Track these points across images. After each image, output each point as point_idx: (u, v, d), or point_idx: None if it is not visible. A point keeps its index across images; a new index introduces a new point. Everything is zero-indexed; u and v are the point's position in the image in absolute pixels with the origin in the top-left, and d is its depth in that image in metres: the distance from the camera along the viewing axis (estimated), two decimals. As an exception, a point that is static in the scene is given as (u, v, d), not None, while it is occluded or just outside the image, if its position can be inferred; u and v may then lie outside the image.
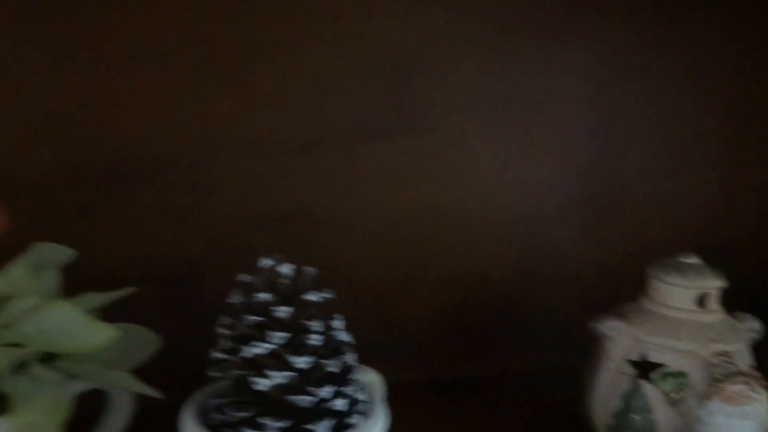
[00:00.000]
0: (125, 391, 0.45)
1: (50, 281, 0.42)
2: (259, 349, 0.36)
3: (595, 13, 0.62)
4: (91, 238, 0.55)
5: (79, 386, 0.41)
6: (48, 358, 0.41)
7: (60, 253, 0.44)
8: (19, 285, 0.41)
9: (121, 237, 0.56)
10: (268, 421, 0.36)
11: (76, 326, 0.39)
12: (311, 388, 0.36)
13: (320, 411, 0.37)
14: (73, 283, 0.44)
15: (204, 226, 0.57)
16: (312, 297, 0.38)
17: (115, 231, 0.56)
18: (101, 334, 0.39)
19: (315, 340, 0.37)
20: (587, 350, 0.52)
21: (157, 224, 0.56)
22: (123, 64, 0.54)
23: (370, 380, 0.43)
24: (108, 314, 0.53)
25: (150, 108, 0.55)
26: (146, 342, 0.45)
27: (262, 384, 0.36)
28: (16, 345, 0.39)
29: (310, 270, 0.39)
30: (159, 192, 0.56)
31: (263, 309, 0.37)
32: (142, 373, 0.50)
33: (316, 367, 0.37)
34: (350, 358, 0.39)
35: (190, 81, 0.55)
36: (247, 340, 0.37)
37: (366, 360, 0.43)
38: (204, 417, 0.38)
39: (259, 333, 0.37)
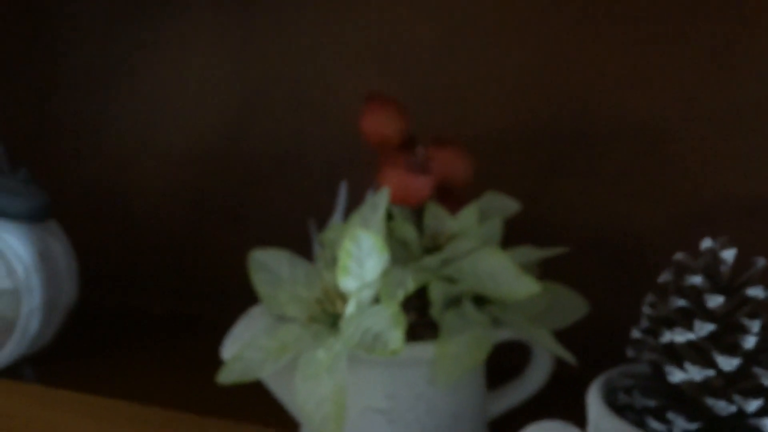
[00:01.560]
0: (548, 349, 0.45)
1: (494, 229, 0.44)
2: (680, 336, 0.32)
3: None
4: (546, 197, 0.56)
5: (501, 334, 0.42)
6: (479, 300, 0.43)
7: (507, 204, 0.46)
8: (466, 227, 0.44)
9: (574, 200, 0.55)
10: (675, 418, 0.32)
11: (504, 275, 0.40)
12: (734, 396, 0.31)
13: (739, 425, 0.31)
14: (517, 235, 0.46)
15: (665, 202, 0.53)
16: (755, 292, 0.32)
17: (568, 193, 0.56)
18: (525, 287, 0.39)
19: (749, 341, 0.31)
20: None
21: (612, 193, 0.54)
22: (609, 30, 0.53)
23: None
24: (547, 274, 0.54)
25: (622, 72, 0.53)
26: (574, 307, 0.44)
27: (676, 376, 0.32)
28: (452, 281, 0.42)
29: (762, 261, 0.33)
30: (620, 160, 0.54)
31: (693, 294, 0.33)
32: (562, 336, 0.49)
33: (743, 373, 0.31)
34: (794, 375, 0.32)
35: (669, 49, 0.52)
36: (669, 324, 0.33)
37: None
38: (611, 395, 0.36)
39: (683, 319, 0.33)
